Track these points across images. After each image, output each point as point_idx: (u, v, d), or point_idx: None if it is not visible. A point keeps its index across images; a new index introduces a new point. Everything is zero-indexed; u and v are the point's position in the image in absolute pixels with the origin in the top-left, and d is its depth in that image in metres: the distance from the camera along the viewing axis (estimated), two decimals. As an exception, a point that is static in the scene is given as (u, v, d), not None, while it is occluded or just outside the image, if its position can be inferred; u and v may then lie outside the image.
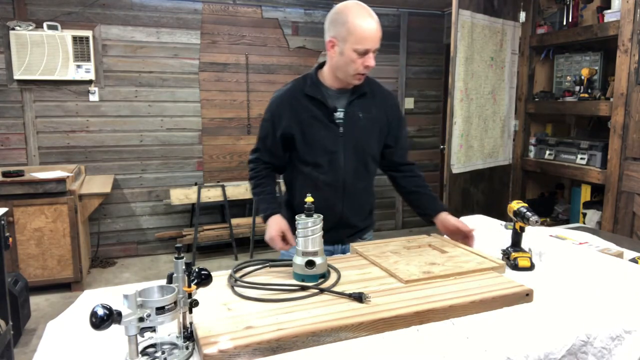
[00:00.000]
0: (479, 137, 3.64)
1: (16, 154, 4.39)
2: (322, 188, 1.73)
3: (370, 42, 1.63)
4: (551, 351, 1.15)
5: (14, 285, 3.01)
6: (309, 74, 1.80)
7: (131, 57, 4.60)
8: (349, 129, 1.75)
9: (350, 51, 1.63)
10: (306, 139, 1.74)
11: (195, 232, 4.61)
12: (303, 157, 1.77)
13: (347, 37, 1.62)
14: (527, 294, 1.35)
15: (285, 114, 1.74)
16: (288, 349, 1.10)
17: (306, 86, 1.75)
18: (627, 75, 3.00)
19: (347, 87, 1.77)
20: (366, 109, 1.78)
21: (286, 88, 1.80)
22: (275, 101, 1.79)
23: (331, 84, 1.76)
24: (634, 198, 3.02)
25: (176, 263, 1.09)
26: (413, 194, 1.92)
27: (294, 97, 1.75)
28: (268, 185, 1.82)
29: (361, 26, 1.61)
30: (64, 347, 1.14)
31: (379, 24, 1.66)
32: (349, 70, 1.66)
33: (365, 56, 1.64)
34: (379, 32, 1.65)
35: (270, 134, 1.79)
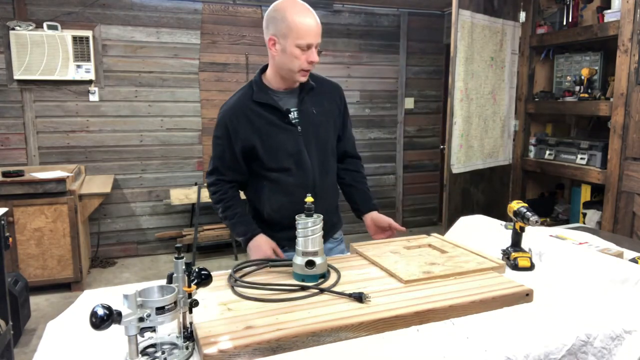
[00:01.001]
0: (479, 137, 3.64)
1: (16, 154, 4.39)
2: (292, 192, 1.70)
3: (311, 37, 1.61)
4: (551, 351, 1.15)
5: (14, 285, 3.01)
6: (253, 80, 1.77)
7: (131, 57, 4.60)
8: (306, 126, 1.74)
9: (293, 47, 1.61)
10: (267, 146, 1.70)
11: (195, 232, 4.61)
12: (268, 165, 1.72)
13: (287, 34, 1.61)
14: (527, 294, 1.35)
15: (240, 126, 1.69)
16: (288, 349, 1.10)
17: (254, 93, 1.72)
18: (627, 75, 3.00)
19: (294, 86, 1.75)
20: (318, 104, 1.78)
21: (234, 100, 1.76)
22: (226, 115, 1.72)
23: (277, 85, 1.74)
24: (634, 198, 3.02)
25: (176, 263, 1.09)
26: (349, 187, 1.94)
27: (245, 106, 1.71)
28: (239, 207, 1.77)
29: (301, 22, 1.59)
30: (64, 347, 1.14)
31: (317, 19, 1.65)
32: (293, 67, 1.64)
33: (309, 51, 1.63)
34: (319, 26, 1.64)
35: (227, 150, 1.72)
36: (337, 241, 1.95)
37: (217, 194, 1.78)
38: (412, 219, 5.87)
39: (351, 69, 5.31)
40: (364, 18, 5.36)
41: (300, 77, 1.68)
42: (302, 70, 1.66)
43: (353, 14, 5.29)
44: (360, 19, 5.34)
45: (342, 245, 1.98)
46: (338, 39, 5.23)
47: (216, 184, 1.78)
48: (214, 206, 1.81)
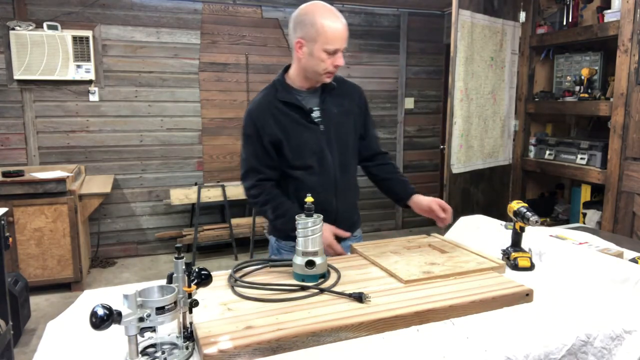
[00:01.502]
0: (479, 137, 3.64)
1: (16, 154, 4.39)
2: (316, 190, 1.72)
3: (339, 42, 1.67)
4: (551, 351, 1.15)
5: (14, 285, 3.01)
6: (276, 80, 1.81)
7: (131, 57, 4.60)
8: (328, 125, 1.78)
9: (320, 51, 1.66)
10: (292, 143, 1.74)
11: (195, 232, 4.61)
12: (293, 163, 1.76)
13: (316, 38, 1.65)
14: (527, 294, 1.35)
15: (267, 122, 1.73)
16: (288, 349, 1.10)
17: (278, 92, 1.76)
18: (627, 75, 3.00)
19: (316, 86, 1.79)
20: (338, 103, 1.82)
21: (259, 98, 1.79)
22: (252, 114, 1.76)
23: (300, 85, 1.78)
24: (634, 198, 3.01)
25: (176, 263, 1.09)
26: (386, 181, 1.96)
27: (270, 104, 1.74)
28: (287, 203, 1.75)
29: (330, 27, 1.64)
30: (64, 347, 1.14)
31: (346, 24, 1.70)
32: (319, 69, 1.69)
33: (335, 55, 1.68)
34: (346, 32, 1.69)
35: (259, 147, 1.75)
36: (357, 239, 1.98)
37: (261, 196, 1.76)
38: (412, 219, 5.87)
39: (351, 69, 5.31)
40: (364, 18, 5.36)
41: (325, 79, 1.73)
42: (328, 73, 1.71)
43: (353, 14, 5.29)
44: (360, 19, 5.34)
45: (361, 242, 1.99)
46: (338, 39, 5.22)
47: (256, 186, 1.77)
48: (259, 209, 1.79)
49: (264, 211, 1.78)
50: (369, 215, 5.54)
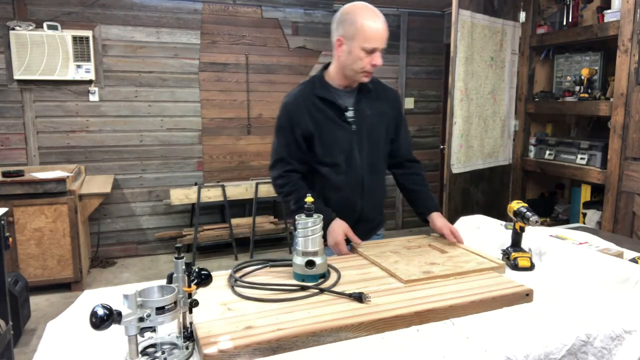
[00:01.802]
0: (479, 137, 3.64)
1: (16, 154, 4.38)
2: (342, 188, 1.75)
3: (377, 41, 1.68)
4: (551, 351, 1.15)
5: (14, 285, 3.01)
6: (315, 76, 1.84)
7: (131, 57, 4.60)
8: (361, 126, 1.80)
9: (358, 49, 1.68)
10: (323, 139, 1.77)
11: (195, 232, 4.61)
12: (322, 159, 1.78)
13: (355, 36, 1.67)
14: (527, 294, 1.35)
15: (302, 115, 1.76)
16: (288, 349, 1.10)
17: (315, 88, 1.79)
18: (627, 75, 3.00)
19: (353, 86, 1.82)
20: (373, 106, 1.84)
21: (296, 92, 1.82)
22: (288, 106, 1.79)
23: (338, 83, 1.81)
24: (634, 198, 3.01)
25: (176, 263, 1.09)
26: (410, 192, 1.97)
27: (307, 99, 1.78)
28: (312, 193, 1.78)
29: (369, 26, 1.66)
30: (64, 347, 1.14)
31: (386, 24, 1.71)
32: (357, 67, 1.71)
33: (373, 54, 1.69)
34: (385, 32, 1.70)
35: (291, 138, 1.78)
36: (379, 237, 2.01)
37: (286, 186, 1.78)
38: (412, 219, 5.87)
39: (351, 69, 5.31)
40: (364, 18, 5.35)
41: (363, 78, 1.75)
42: (365, 72, 1.72)
43: (353, 14, 5.28)
44: (360, 19, 5.33)
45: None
46: (338, 39, 5.23)
47: (283, 176, 1.79)
48: (283, 199, 1.81)
49: (287, 201, 1.80)
50: (369, 215, 5.54)
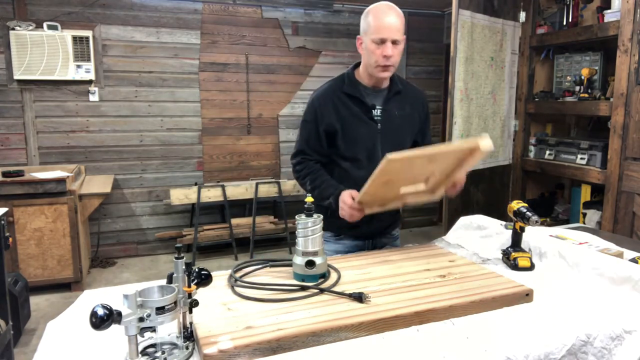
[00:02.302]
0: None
1: (16, 154, 4.38)
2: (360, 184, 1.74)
3: (385, 31, 1.69)
4: (551, 351, 1.15)
5: (14, 285, 3.01)
6: (346, 73, 1.86)
7: (131, 57, 4.60)
8: (386, 125, 1.82)
9: (370, 43, 1.71)
10: (346, 135, 1.79)
11: (195, 232, 4.61)
12: (343, 153, 1.81)
13: (367, 31, 1.73)
14: (527, 294, 1.35)
15: (327, 111, 1.78)
16: (288, 349, 1.10)
17: (344, 85, 1.81)
18: (627, 75, 3.00)
19: (381, 86, 1.83)
20: (401, 107, 1.86)
21: (325, 87, 1.85)
22: (316, 100, 1.82)
23: (367, 82, 1.83)
24: (634, 198, 3.01)
25: (176, 263, 1.09)
26: None
27: (334, 95, 1.80)
28: (325, 175, 1.81)
29: (377, 17, 1.70)
30: (64, 347, 1.14)
31: (400, 17, 1.72)
32: (371, 62, 1.73)
33: (383, 46, 1.69)
34: (396, 22, 1.70)
35: (313, 133, 1.81)
36: (394, 237, 2.01)
37: (303, 170, 1.84)
38: (412, 219, 5.87)
39: (351, 69, 5.31)
40: (364, 18, 5.35)
41: (379, 73, 1.75)
42: (379, 66, 1.72)
43: (353, 14, 5.28)
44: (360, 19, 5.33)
45: (398, 242, 2.03)
46: (338, 39, 5.23)
47: (301, 163, 1.85)
48: (301, 182, 1.85)
49: (303, 183, 1.84)
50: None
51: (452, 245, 1.91)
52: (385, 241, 1.96)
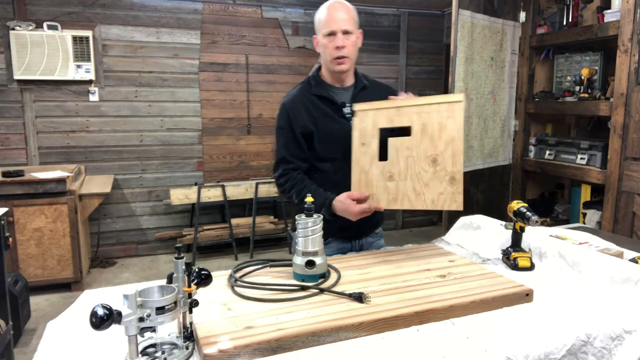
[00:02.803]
0: (479, 137, 3.64)
1: (16, 154, 4.38)
2: (340, 184, 1.75)
3: (333, 24, 1.71)
4: (551, 351, 1.15)
5: (14, 285, 3.01)
6: (311, 75, 1.87)
7: (131, 57, 4.60)
8: None
9: (322, 38, 1.75)
10: (321, 135, 1.79)
11: (195, 232, 4.61)
12: (321, 154, 1.81)
13: (318, 27, 1.77)
14: (527, 294, 1.35)
15: (301, 114, 1.79)
16: (288, 349, 1.10)
17: (312, 87, 1.82)
18: (627, 75, 3.00)
19: (346, 83, 1.84)
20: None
21: (294, 92, 1.85)
22: (288, 105, 1.82)
23: (331, 81, 1.84)
24: (634, 198, 3.01)
25: (176, 263, 1.09)
26: None
27: (304, 98, 1.81)
28: (311, 184, 1.79)
29: (326, 12, 1.74)
30: (64, 347, 1.14)
31: (348, 10, 1.75)
32: (327, 57, 1.76)
33: (334, 38, 1.72)
34: (343, 14, 1.73)
35: (291, 138, 1.80)
36: (378, 236, 2.00)
37: (287, 183, 1.81)
38: (412, 219, 5.87)
39: (351, 69, 5.31)
40: (364, 18, 5.36)
41: (336, 66, 1.76)
42: (334, 59, 1.74)
43: (353, 14, 5.28)
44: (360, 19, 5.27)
45: (382, 241, 2.01)
46: (338, 39, 5.23)
47: (284, 175, 1.82)
48: (286, 195, 1.83)
49: (290, 197, 1.82)
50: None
51: (452, 245, 1.91)
52: (371, 240, 1.95)
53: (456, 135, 1.56)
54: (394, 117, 1.61)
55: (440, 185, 1.57)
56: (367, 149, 1.64)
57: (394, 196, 1.62)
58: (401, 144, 1.62)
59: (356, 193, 1.67)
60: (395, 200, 1.63)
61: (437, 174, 1.57)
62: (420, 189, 1.59)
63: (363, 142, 1.64)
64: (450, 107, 1.56)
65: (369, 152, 1.64)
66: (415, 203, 1.60)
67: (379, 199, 1.65)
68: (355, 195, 1.67)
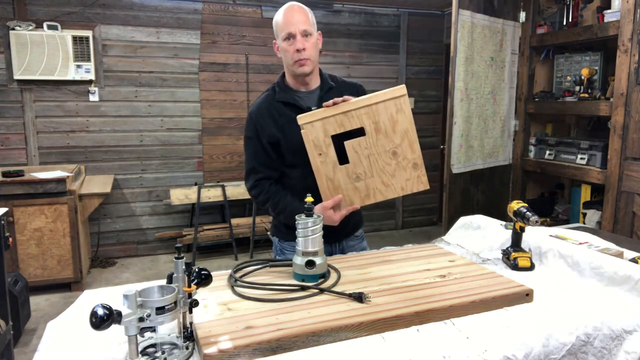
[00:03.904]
0: (479, 137, 3.64)
1: (16, 154, 4.38)
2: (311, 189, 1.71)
3: (291, 26, 1.69)
4: (551, 351, 1.15)
5: (14, 285, 3.01)
6: (276, 82, 1.85)
7: (131, 57, 4.60)
8: None
9: (282, 42, 1.72)
10: (289, 142, 1.75)
11: (195, 232, 4.61)
12: (290, 162, 1.79)
13: (276, 32, 1.74)
14: (527, 294, 1.35)
15: (266, 123, 1.76)
16: (288, 349, 1.10)
17: (277, 94, 1.80)
18: (627, 75, 3.00)
19: (312, 86, 1.82)
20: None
21: (259, 100, 1.83)
22: (253, 114, 1.79)
23: (295, 85, 1.81)
24: (634, 198, 3.01)
25: (176, 263, 1.09)
26: None
27: (270, 105, 1.78)
28: (286, 197, 1.77)
29: (282, 16, 1.72)
30: (64, 347, 1.14)
31: (304, 11, 1.73)
32: (288, 60, 1.73)
33: (294, 41, 1.70)
34: (300, 16, 1.71)
35: (259, 147, 1.78)
36: (359, 239, 1.98)
37: (260, 195, 1.80)
38: (412, 219, 5.87)
39: (351, 69, 5.31)
40: (364, 18, 5.36)
41: (298, 69, 1.73)
42: (296, 62, 1.72)
43: (353, 14, 5.29)
44: (360, 19, 5.34)
45: (364, 243, 2.00)
46: (338, 39, 5.23)
47: (256, 186, 1.80)
48: (262, 207, 1.83)
49: (266, 209, 1.82)
50: (369, 215, 5.54)
51: (452, 245, 1.91)
52: (352, 243, 1.93)
53: (409, 126, 1.63)
54: (344, 121, 1.62)
55: (405, 173, 1.67)
56: (326, 157, 1.65)
57: (366, 193, 1.68)
58: (359, 145, 1.64)
59: (329, 201, 1.67)
60: (368, 197, 1.69)
61: (400, 164, 1.65)
62: (388, 181, 1.67)
63: (320, 152, 1.64)
64: (397, 102, 1.60)
65: (328, 160, 1.65)
66: (387, 194, 1.69)
67: (352, 200, 1.69)
68: (330, 204, 1.67)
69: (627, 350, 1.24)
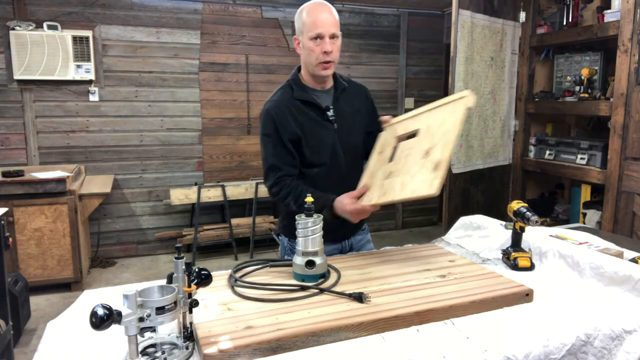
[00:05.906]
0: (479, 137, 3.64)
1: (16, 154, 4.38)
2: (327, 188, 1.73)
3: (321, 27, 1.67)
4: (551, 351, 1.15)
5: (14, 285, 3.01)
6: (291, 80, 1.82)
7: (131, 57, 4.60)
8: (341, 124, 1.80)
9: (308, 41, 1.69)
10: (310, 141, 1.75)
11: (195, 232, 4.61)
12: (309, 160, 1.77)
13: (303, 29, 1.70)
14: (527, 294, 1.35)
15: (286, 120, 1.73)
16: (288, 349, 1.10)
17: (294, 91, 1.78)
18: (627, 75, 3.00)
19: (326, 85, 1.82)
20: (350, 104, 1.85)
21: (275, 98, 1.80)
22: (271, 110, 1.75)
23: (312, 84, 1.80)
24: (634, 198, 3.01)
25: (176, 263, 1.09)
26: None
27: (288, 103, 1.76)
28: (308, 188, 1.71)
29: (311, 14, 1.69)
30: (64, 347, 1.14)
31: (334, 12, 1.71)
32: (312, 60, 1.71)
33: (322, 42, 1.68)
34: (330, 17, 1.69)
35: (279, 144, 1.74)
36: (364, 232, 1.99)
37: (281, 191, 1.73)
38: (412, 219, 5.87)
39: (351, 69, 5.31)
40: (364, 18, 5.36)
41: (321, 71, 1.72)
42: (320, 63, 1.70)
43: (353, 14, 5.29)
44: (360, 19, 5.34)
45: (369, 235, 2.01)
46: (338, 39, 5.23)
47: (277, 183, 1.74)
48: (283, 203, 1.75)
49: (287, 204, 1.74)
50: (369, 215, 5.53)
51: (452, 245, 1.91)
52: (359, 237, 1.95)
53: (452, 127, 1.50)
54: (408, 124, 1.66)
55: (423, 175, 1.47)
56: (382, 155, 1.68)
57: (384, 191, 1.59)
58: (406, 145, 1.63)
59: (355, 191, 1.66)
60: (385, 195, 1.58)
61: (425, 165, 1.49)
62: (406, 181, 1.52)
63: (381, 151, 1.69)
64: (455, 104, 1.55)
65: (382, 158, 1.68)
66: (399, 195, 1.53)
67: (372, 196, 1.63)
68: (355, 193, 1.65)
69: (627, 350, 1.24)
